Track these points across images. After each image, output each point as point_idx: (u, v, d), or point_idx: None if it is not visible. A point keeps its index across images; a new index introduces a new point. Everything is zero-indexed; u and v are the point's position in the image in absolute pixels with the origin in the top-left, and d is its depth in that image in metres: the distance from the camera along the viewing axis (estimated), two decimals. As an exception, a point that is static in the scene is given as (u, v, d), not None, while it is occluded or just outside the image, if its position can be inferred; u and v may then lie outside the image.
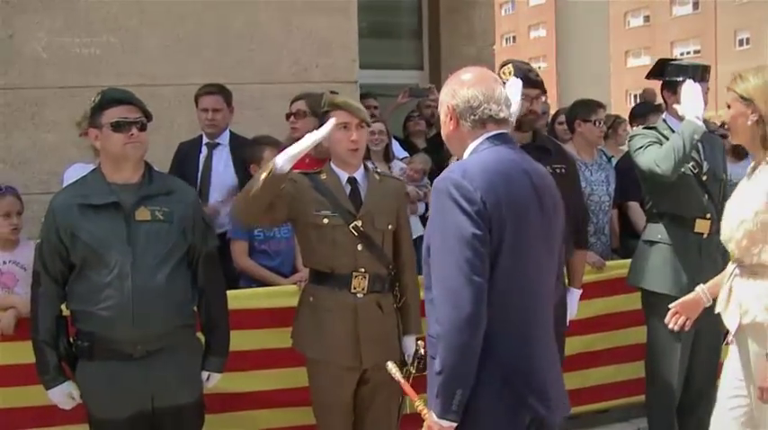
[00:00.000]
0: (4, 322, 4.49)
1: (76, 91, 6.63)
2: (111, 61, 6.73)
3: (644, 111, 7.49)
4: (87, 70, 6.68)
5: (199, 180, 5.89)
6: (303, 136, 4.15)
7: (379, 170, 4.64)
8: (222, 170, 5.93)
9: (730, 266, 3.98)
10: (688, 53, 55.54)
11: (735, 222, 3.85)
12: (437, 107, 3.52)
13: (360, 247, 4.21)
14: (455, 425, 2.99)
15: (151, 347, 3.81)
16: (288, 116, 5.82)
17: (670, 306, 4.17)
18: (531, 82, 4.63)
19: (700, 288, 4.12)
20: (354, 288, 4.21)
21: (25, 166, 6.55)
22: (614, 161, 6.74)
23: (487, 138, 3.17)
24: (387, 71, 9.71)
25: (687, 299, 4.12)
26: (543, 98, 4.76)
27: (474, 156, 3.17)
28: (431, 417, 3.04)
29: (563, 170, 4.75)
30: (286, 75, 7.05)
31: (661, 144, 4.93)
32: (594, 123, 6.20)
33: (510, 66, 4.69)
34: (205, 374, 4.09)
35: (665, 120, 5.16)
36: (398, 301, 4.38)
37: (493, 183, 3.02)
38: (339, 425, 4.28)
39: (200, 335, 4.16)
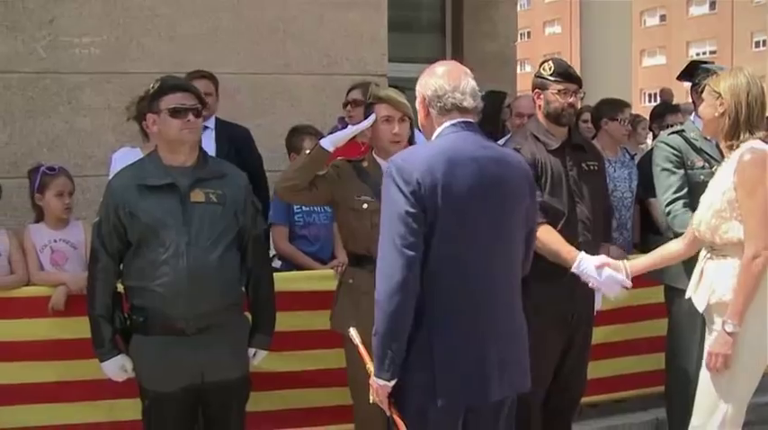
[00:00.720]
0: (55, 298, 4.67)
1: (112, 76, 6.83)
2: (147, 48, 6.88)
3: (662, 112, 7.61)
4: (123, 57, 6.84)
5: None
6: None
7: None
8: (210, 152, 5.99)
9: (703, 251, 4.19)
10: (704, 53, 55.58)
11: (705, 206, 4.11)
12: None
13: None
14: (389, 384, 3.33)
15: (203, 324, 3.98)
16: (345, 104, 5.95)
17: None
18: (570, 77, 4.81)
19: (622, 262, 4.46)
20: None
21: (61, 149, 6.70)
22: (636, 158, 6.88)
23: (452, 124, 3.44)
24: (409, 65, 9.81)
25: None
26: (581, 94, 4.91)
27: (428, 143, 3.51)
28: (372, 378, 3.40)
29: (595, 167, 4.95)
30: (317, 67, 7.21)
31: (681, 161, 5.10)
32: (620, 122, 6.34)
33: (550, 62, 4.86)
34: (252, 351, 4.27)
35: (692, 122, 5.30)
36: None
37: (432, 166, 3.27)
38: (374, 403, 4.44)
39: (247, 314, 4.35)
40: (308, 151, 4.29)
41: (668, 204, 5.14)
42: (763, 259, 3.89)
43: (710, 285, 4.07)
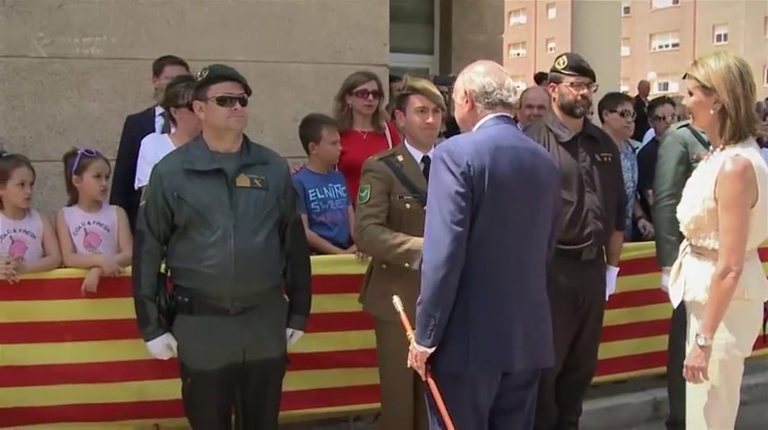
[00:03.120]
0: (88, 280, 4.76)
1: (121, 62, 6.91)
2: (156, 35, 6.97)
3: (653, 104, 7.73)
4: (132, 43, 6.93)
5: None
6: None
7: None
8: None
9: (684, 243, 4.18)
10: (666, 46, 56.25)
11: (687, 205, 4.03)
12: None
13: None
14: (429, 350, 3.58)
15: (246, 304, 4.11)
16: (366, 94, 5.95)
17: None
18: (583, 71, 5.01)
19: None
20: None
21: (70, 134, 6.76)
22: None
23: (494, 117, 3.74)
24: (398, 54, 9.96)
25: None
26: (594, 86, 5.09)
27: (473, 133, 3.75)
28: (412, 344, 3.65)
29: (609, 158, 5.16)
30: (321, 56, 7.34)
31: (686, 155, 5.30)
32: (621, 114, 6.52)
33: (564, 57, 5.07)
34: (289, 331, 4.40)
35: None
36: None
37: (480, 152, 3.56)
38: (403, 382, 4.58)
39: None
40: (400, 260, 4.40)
41: (660, 198, 5.34)
42: (734, 274, 3.79)
43: (686, 282, 4.07)
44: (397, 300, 3.95)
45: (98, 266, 4.79)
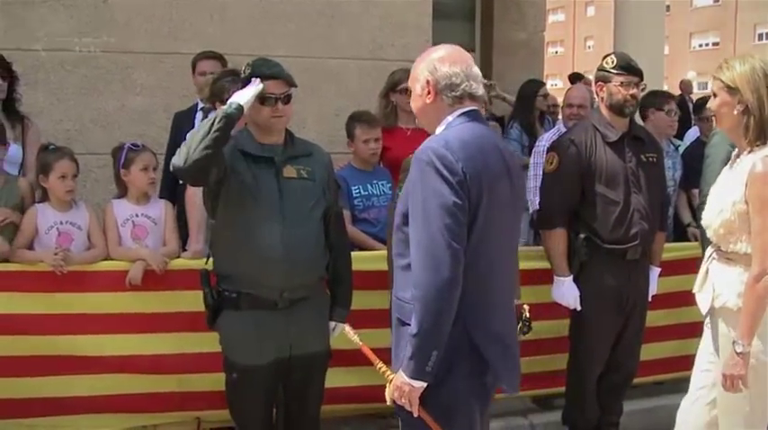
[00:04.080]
0: (133, 273, 4.80)
1: (165, 57, 6.96)
2: (199, 30, 7.01)
3: (704, 104, 7.70)
4: (176, 37, 6.97)
5: None
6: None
7: None
8: None
9: (709, 249, 4.09)
10: (706, 45, 55.74)
11: (714, 210, 3.93)
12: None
13: None
14: (425, 385, 3.19)
15: (294, 296, 4.10)
16: (389, 92, 5.99)
17: None
18: (632, 70, 4.97)
19: None
20: None
21: (113, 128, 6.82)
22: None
23: (464, 113, 3.35)
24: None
25: None
26: (643, 86, 5.06)
27: (452, 130, 3.32)
28: (399, 378, 3.23)
29: (654, 159, 5.14)
30: (363, 52, 7.34)
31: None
32: (667, 113, 6.48)
33: (613, 56, 5.03)
34: (332, 324, 4.39)
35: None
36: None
37: (472, 155, 3.19)
38: None
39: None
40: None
41: (705, 198, 5.28)
42: None
43: (715, 288, 3.97)
44: (349, 329, 3.74)
45: (143, 260, 4.82)
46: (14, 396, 4.83)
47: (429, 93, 3.37)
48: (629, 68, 4.98)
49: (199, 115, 6.05)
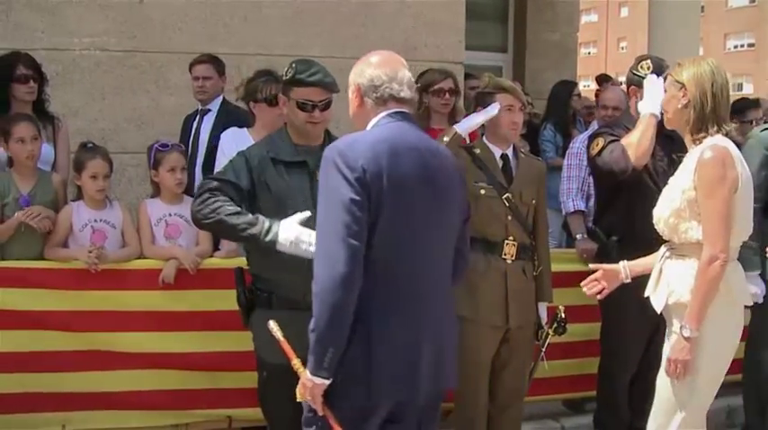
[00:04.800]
0: (166, 272, 4.84)
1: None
2: (234, 30, 7.07)
3: (743, 107, 7.64)
4: (211, 37, 7.03)
5: (190, 145, 6.20)
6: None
7: (523, 150, 4.94)
8: (206, 135, 6.18)
9: (662, 249, 4.05)
10: (741, 46, 55.28)
11: (665, 203, 3.95)
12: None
13: (510, 217, 4.63)
14: (326, 382, 3.15)
15: None
16: (443, 92, 5.88)
17: (592, 267, 4.31)
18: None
19: (622, 263, 4.21)
20: (505, 254, 4.64)
21: (147, 127, 6.89)
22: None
23: (388, 115, 3.32)
24: (472, 52, 9.92)
25: (608, 268, 4.24)
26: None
27: (371, 130, 3.33)
28: (304, 375, 3.22)
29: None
30: (397, 52, 7.27)
31: None
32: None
33: (648, 61, 5.00)
34: None
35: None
36: (536, 269, 4.78)
37: (377, 153, 3.15)
38: (479, 381, 4.66)
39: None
40: (446, 138, 4.51)
41: None
42: (721, 262, 3.70)
43: (669, 285, 3.92)
44: (273, 324, 3.64)
45: (176, 259, 4.86)
46: (47, 390, 4.88)
47: (357, 96, 3.40)
48: (663, 73, 4.93)
49: (197, 117, 6.25)
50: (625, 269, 4.19)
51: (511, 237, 4.63)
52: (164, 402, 5.01)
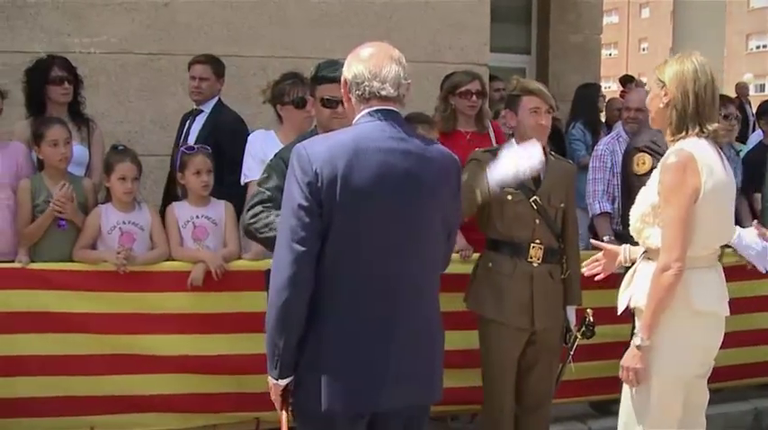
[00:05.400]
0: (195, 274, 4.85)
1: (224, 59, 6.97)
2: (259, 32, 7.10)
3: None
4: (236, 40, 7.06)
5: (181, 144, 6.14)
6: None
7: (553, 152, 4.91)
8: (194, 136, 6.12)
9: (640, 248, 3.95)
10: (764, 47, 54.98)
11: (635, 207, 3.87)
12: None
13: (537, 221, 4.61)
14: (279, 383, 3.16)
15: None
16: (470, 95, 5.84)
17: (593, 243, 4.32)
18: None
19: (624, 246, 4.13)
20: (531, 257, 4.61)
21: (173, 129, 6.83)
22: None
23: (368, 113, 3.18)
24: (495, 54, 9.90)
25: (609, 248, 4.20)
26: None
27: (337, 131, 3.24)
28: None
29: None
30: (421, 54, 7.33)
31: None
32: (725, 117, 6.39)
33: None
34: None
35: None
36: (564, 273, 4.75)
37: (334, 156, 3.03)
38: (505, 383, 4.64)
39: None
40: (479, 199, 4.50)
41: None
42: (675, 271, 3.57)
43: (632, 288, 3.84)
44: None
45: (204, 262, 4.87)
46: (75, 393, 4.90)
47: (345, 92, 3.29)
48: None
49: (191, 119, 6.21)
50: (625, 252, 4.09)
51: (537, 241, 4.61)
52: (191, 405, 5.01)
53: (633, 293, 3.80)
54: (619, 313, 3.92)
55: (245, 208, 4.03)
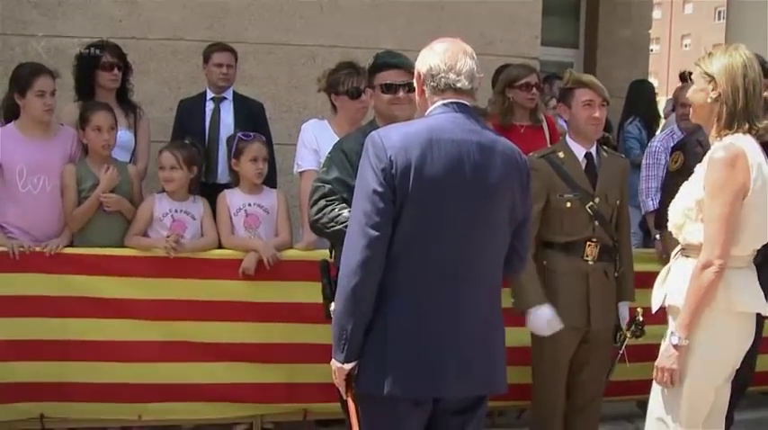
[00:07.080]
0: (247, 263, 4.85)
1: (275, 48, 7.03)
2: (310, 21, 7.05)
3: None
4: (287, 29, 7.04)
5: (207, 133, 6.13)
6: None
7: (605, 147, 4.86)
8: (229, 123, 6.12)
9: (677, 248, 3.82)
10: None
11: (678, 201, 3.75)
12: None
13: (596, 223, 4.56)
14: (344, 366, 3.13)
15: None
16: (530, 87, 5.75)
17: None
18: (766, 71, 4.82)
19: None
20: (586, 255, 4.56)
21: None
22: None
23: (443, 104, 3.21)
24: (543, 48, 9.81)
25: None
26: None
27: (412, 121, 3.31)
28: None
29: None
30: (472, 46, 7.15)
31: None
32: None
33: None
34: None
35: None
36: (617, 270, 4.68)
37: (408, 145, 3.06)
38: (556, 381, 4.61)
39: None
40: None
41: None
42: (716, 268, 3.45)
43: (668, 285, 3.72)
44: None
45: (256, 251, 4.86)
46: (123, 380, 4.92)
47: (419, 84, 3.33)
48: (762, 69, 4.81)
49: (209, 105, 6.15)
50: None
51: (594, 239, 4.56)
52: (240, 394, 5.02)
53: (668, 291, 3.70)
54: (653, 311, 3.84)
55: (309, 204, 4.03)
